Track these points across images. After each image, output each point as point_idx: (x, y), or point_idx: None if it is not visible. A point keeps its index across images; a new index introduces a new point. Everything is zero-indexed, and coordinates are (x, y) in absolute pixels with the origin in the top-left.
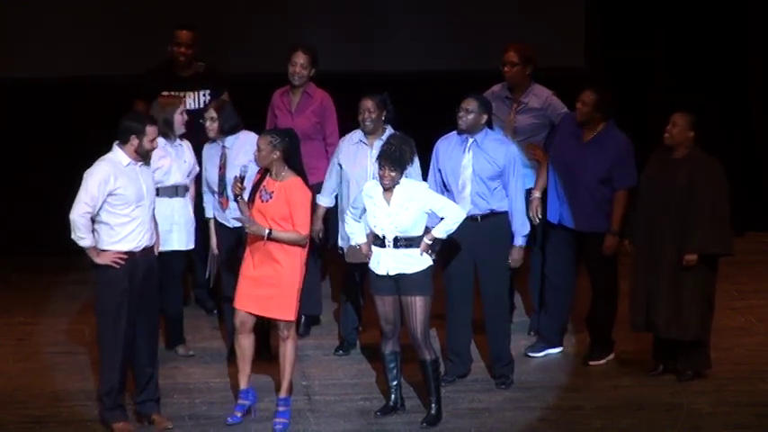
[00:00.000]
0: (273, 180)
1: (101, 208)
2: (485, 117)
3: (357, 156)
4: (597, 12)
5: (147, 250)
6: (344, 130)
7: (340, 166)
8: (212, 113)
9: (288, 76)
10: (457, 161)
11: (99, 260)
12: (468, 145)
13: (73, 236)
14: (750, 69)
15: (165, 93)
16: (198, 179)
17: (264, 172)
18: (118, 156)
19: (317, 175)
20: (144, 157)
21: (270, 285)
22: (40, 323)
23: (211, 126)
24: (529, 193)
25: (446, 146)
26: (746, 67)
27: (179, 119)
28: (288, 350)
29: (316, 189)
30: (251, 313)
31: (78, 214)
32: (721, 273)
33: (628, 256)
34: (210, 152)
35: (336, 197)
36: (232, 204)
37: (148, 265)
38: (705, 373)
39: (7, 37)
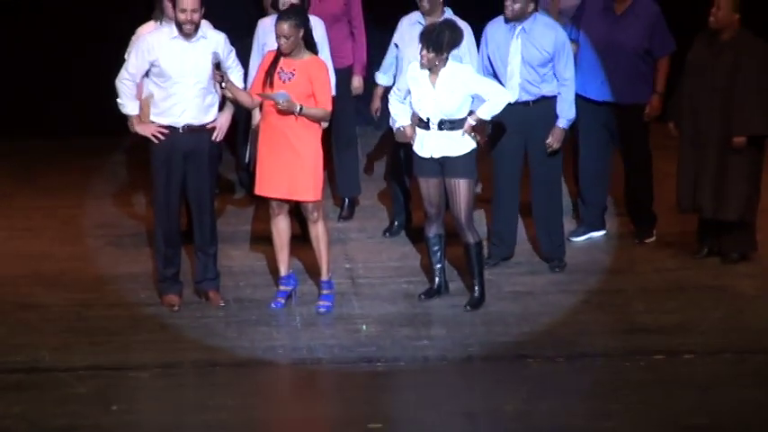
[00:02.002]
0: (292, 59)
1: (148, 78)
2: (531, 5)
3: (413, 36)
4: None
5: (193, 128)
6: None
7: (396, 45)
8: None
9: None
10: (505, 49)
11: (137, 129)
12: (517, 32)
13: (118, 101)
14: None
15: None
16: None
17: (277, 54)
18: (170, 27)
19: (345, 59)
20: (180, 27)
21: (292, 168)
22: (84, 206)
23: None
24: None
25: (494, 31)
26: None
27: None
28: (319, 231)
29: (343, 74)
30: (278, 198)
31: (119, 79)
32: None
33: (672, 138)
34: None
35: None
36: None
37: (193, 144)
38: (751, 256)
39: None
